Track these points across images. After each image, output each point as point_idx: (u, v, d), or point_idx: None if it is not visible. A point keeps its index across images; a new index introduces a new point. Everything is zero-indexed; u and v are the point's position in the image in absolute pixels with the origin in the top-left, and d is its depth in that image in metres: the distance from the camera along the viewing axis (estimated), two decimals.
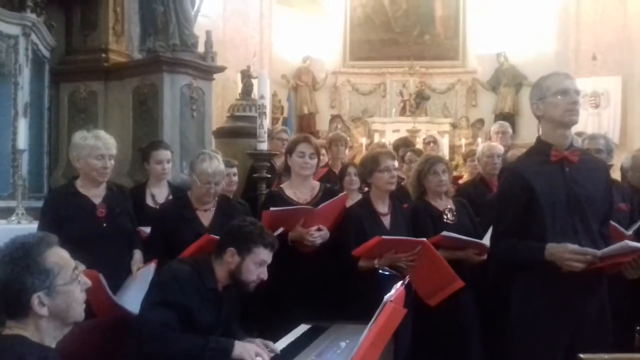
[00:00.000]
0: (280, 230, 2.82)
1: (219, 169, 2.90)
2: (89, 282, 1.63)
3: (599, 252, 2.14)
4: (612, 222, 2.62)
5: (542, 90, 2.33)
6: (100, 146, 2.84)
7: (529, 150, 2.54)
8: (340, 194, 3.14)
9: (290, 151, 3.09)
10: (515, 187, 2.36)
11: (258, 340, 2.24)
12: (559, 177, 2.30)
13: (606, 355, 1.20)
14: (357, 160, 6.71)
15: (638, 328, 3.60)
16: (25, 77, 4.35)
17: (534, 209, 2.29)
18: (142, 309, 2.19)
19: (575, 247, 2.16)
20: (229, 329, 2.35)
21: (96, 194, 2.90)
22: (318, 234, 2.88)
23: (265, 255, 2.25)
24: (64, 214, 2.82)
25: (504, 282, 2.58)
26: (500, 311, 3.03)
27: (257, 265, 2.23)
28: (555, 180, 2.30)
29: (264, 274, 2.26)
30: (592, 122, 9.38)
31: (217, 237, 2.45)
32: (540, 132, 2.43)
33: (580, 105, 2.33)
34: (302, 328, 2.47)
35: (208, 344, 2.07)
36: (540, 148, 2.39)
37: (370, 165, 3.04)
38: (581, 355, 1.20)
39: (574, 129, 2.53)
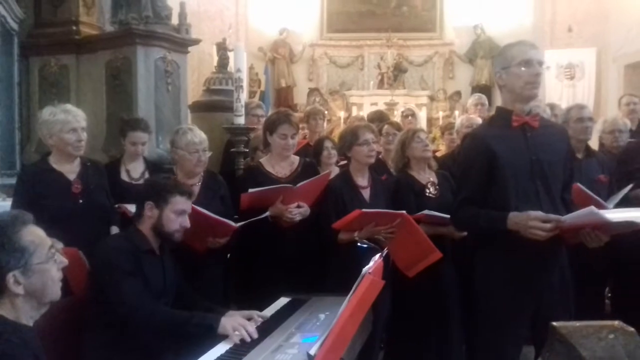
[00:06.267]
0: (267, 214, 2.85)
1: (202, 137, 3.00)
2: (65, 261, 1.62)
3: (562, 218, 2.12)
4: (578, 184, 2.61)
5: (507, 60, 2.29)
6: (70, 120, 2.80)
7: (489, 118, 2.53)
8: (324, 172, 3.14)
9: (270, 131, 3.06)
10: (477, 152, 2.34)
11: (254, 313, 2.24)
12: (521, 142, 2.30)
13: (577, 323, 1.21)
14: (335, 133, 6.71)
15: (608, 294, 3.68)
16: None
17: (496, 174, 2.28)
18: (109, 292, 2.16)
19: (539, 213, 2.14)
20: (183, 295, 2.40)
21: (71, 170, 2.86)
22: (297, 211, 2.89)
23: (182, 203, 2.33)
24: (38, 191, 2.78)
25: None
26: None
27: (176, 214, 2.31)
28: (518, 145, 2.30)
29: (185, 222, 2.34)
30: (567, 94, 9.48)
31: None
32: (501, 102, 2.43)
33: (541, 77, 2.29)
34: (282, 301, 2.48)
35: (193, 319, 2.11)
36: (501, 115, 2.38)
37: (350, 139, 3.04)
38: (553, 323, 1.21)
39: (548, 99, 2.53)
